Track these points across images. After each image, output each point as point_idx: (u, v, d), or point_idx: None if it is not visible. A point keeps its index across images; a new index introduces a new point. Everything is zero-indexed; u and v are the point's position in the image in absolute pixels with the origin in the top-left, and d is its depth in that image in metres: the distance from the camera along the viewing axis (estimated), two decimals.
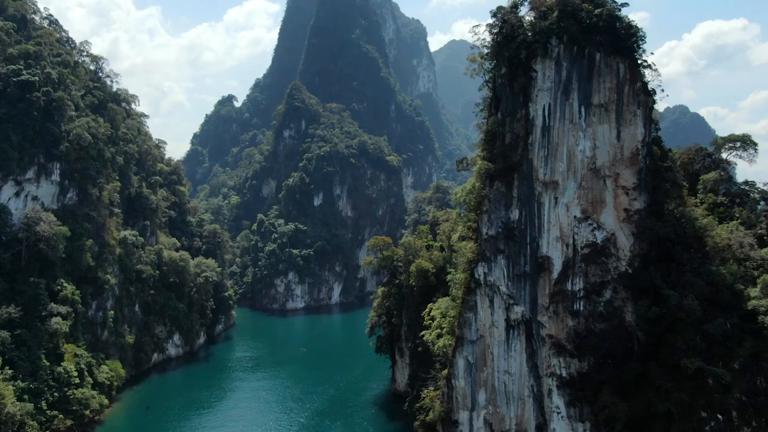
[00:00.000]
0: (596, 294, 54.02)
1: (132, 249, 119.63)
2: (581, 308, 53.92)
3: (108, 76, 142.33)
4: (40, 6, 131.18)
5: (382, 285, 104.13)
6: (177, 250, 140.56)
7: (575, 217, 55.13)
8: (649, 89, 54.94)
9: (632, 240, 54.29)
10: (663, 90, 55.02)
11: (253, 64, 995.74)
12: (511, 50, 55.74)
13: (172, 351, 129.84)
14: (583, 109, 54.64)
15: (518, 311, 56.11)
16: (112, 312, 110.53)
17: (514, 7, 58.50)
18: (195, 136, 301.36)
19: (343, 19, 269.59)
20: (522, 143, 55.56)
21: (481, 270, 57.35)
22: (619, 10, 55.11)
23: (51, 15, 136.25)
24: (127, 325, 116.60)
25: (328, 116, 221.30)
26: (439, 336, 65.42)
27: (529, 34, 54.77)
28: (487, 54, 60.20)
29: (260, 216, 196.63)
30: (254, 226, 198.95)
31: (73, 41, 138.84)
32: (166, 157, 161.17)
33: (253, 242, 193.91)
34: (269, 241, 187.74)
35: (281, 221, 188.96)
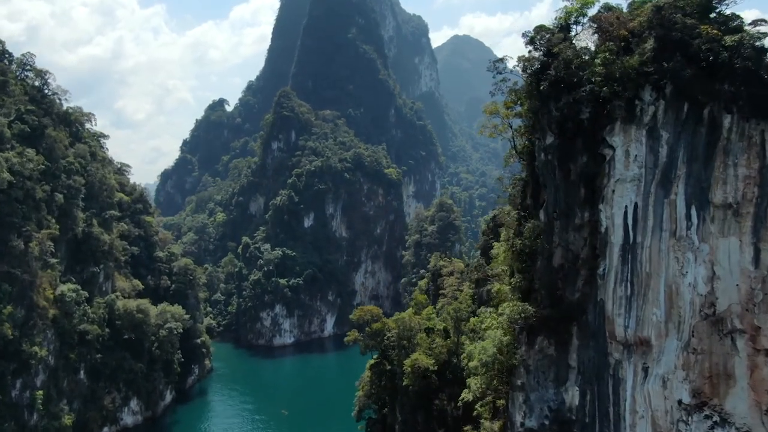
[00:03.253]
0: None
1: (72, 307, 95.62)
2: None
3: (55, 94, 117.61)
4: None
5: (369, 367, 79.66)
6: (139, 294, 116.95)
7: (680, 402, 30.38)
8: None
9: None
10: None
11: (257, 61, 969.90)
12: (563, 106, 30.47)
13: (128, 419, 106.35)
14: (694, 213, 29.82)
15: None
16: (42, 392, 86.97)
17: (565, 29, 33.01)
18: (185, 142, 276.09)
19: (339, 17, 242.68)
20: (585, 270, 30.73)
21: None
22: (765, 35, 29.52)
23: None
24: (66, 401, 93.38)
25: (320, 125, 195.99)
26: None
27: (599, 79, 29.35)
28: (519, 104, 34.82)
29: (245, 239, 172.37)
30: (240, 249, 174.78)
31: (10, 54, 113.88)
32: (131, 182, 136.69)
33: (237, 268, 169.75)
34: (254, 268, 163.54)
35: (267, 246, 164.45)
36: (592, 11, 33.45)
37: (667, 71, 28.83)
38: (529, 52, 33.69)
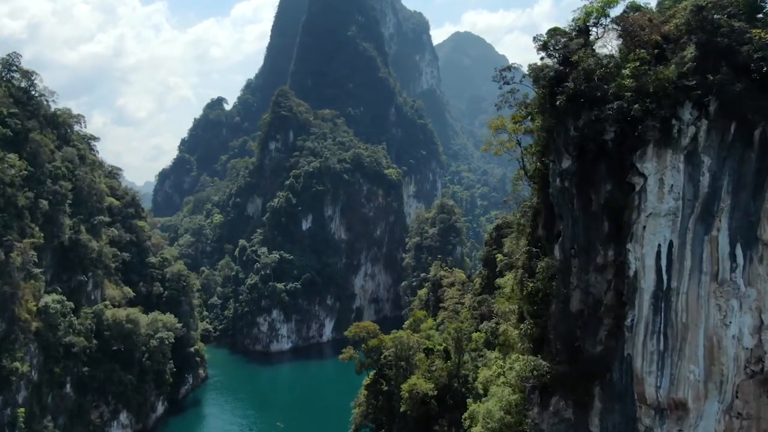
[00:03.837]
0: None
1: (56, 319, 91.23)
2: None
3: (42, 95, 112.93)
4: None
5: (365, 386, 74.93)
6: (130, 301, 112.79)
7: None
8: None
9: None
10: None
11: (259, 58, 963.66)
12: (584, 125, 25.47)
13: None
14: (740, 252, 25.03)
15: None
16: (23, 409, 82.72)
17: (584, 32, 27.86)
18: (183, 142, 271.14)
19: (338, 15, 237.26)
20: (609, 320, 25.81)
21: None
22: None
23: None
24: (50, 417, 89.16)
25: (319, 125, 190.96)
26: None
27: (629, 94, 24.34)
28: (529, 119, 29.78)
29: (242, 242, 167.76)
30: (236, 252, 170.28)
31: None
32: (123, 185, 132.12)
33: (234, 272, 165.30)
34: (251, 271, 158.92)
35: (264, 249, 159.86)
36: (614, 11, 28.41)
37: (713, 85, 23.84)
38: (542, 59, 28.66)
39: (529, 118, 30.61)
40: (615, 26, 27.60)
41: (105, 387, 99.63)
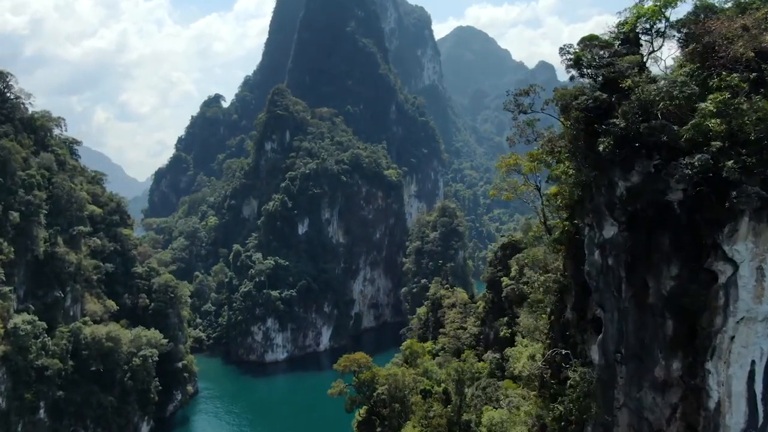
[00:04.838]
0: None
1: (27, 341, 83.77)
2: None
3: (18, 97, 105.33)
4: None
5: (357, 425, 67.14)
6: (114, 315, 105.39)
7: None
8: None
9: None
10: None
11: (261, 53, 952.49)
12: (639, 181, 17.02)
13: None
14: None
15: None
16: None
17: (633, 42, 19.32)
18: (180, 140, 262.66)
19: (337, 10, 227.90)
20: None
21: None
22: None
23: None
24: None
25: (317, 124, 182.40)
26: None
27: (717, 143, 15.89)
28: (554, 160, 21.41)
29: (236, 247, 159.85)
30: (231, 257, 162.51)
31: None
32: (108, 191, 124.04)
33: (228, 278, 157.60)
34: (246, 278, 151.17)
35: (259, 255, 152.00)
36: (670, 15, 19.75)
37: None
38: (571, 78, 20.21)
39: (556, 159, 22.19)
40: (678, 34, 19.15)
41: (83, 411, 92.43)
